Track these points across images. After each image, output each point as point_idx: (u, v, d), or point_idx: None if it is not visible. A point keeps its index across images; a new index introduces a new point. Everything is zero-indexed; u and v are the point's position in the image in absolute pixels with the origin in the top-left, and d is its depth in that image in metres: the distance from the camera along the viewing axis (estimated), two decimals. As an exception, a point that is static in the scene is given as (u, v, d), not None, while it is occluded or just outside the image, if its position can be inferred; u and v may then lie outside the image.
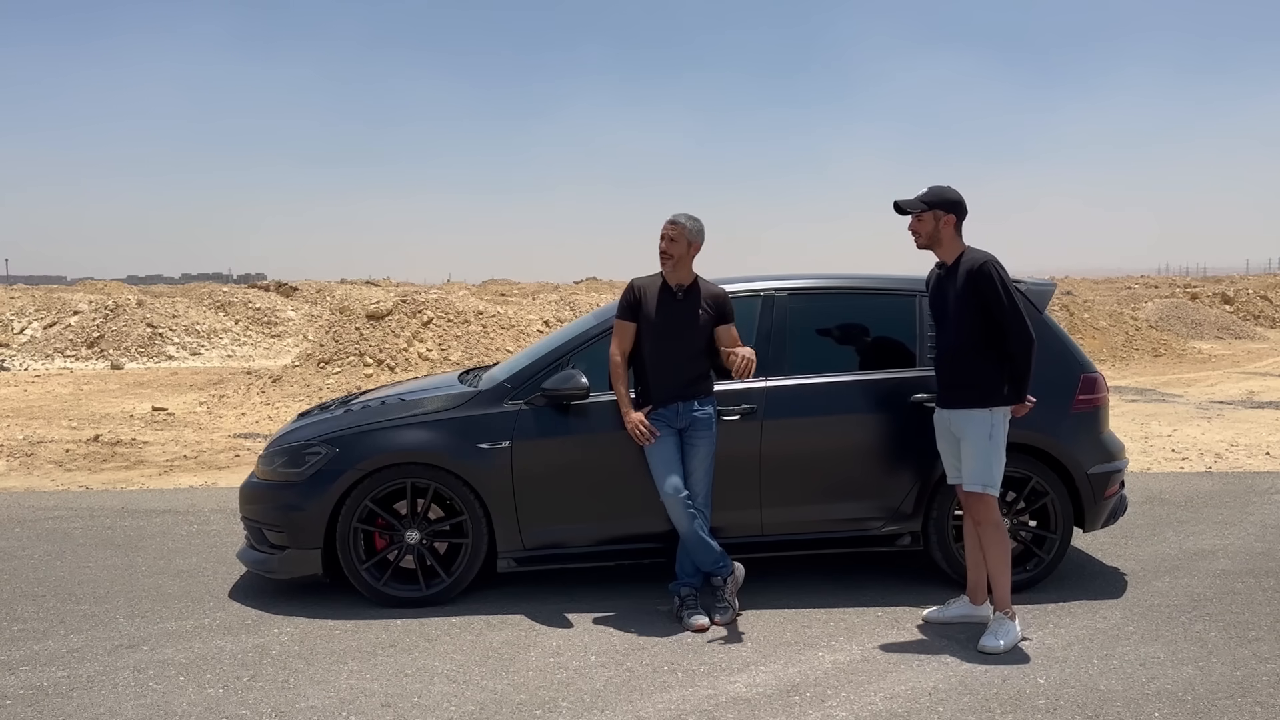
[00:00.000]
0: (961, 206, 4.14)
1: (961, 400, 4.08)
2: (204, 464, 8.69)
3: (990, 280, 3.99)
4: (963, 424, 4.08)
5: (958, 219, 4.14)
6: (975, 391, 4.05)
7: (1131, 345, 19.54)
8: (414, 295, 16.72)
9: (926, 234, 4.15)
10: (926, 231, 4.15)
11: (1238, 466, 8.10)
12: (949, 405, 4.14)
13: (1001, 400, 4.05)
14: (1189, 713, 3.38)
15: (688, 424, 4.38)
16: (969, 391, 4.06)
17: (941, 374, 4.19)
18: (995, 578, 4.10)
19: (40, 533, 6.04)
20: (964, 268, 4.06)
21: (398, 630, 4.23)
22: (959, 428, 4.11)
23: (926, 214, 4.12)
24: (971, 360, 4.06)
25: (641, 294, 4.43)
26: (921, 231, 4.16)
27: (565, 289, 38.88)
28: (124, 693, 3.60)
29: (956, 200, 4.13)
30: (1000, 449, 4.06)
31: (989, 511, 4.07)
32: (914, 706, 3.45)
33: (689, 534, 4.30)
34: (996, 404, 4.04)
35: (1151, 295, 35.53)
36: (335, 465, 4.48)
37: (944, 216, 4.12)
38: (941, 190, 4.15)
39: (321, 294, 34.83)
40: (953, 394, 4.12)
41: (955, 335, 4.09)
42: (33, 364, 20.10)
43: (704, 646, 4.03)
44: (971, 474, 4.07)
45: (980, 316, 4.03)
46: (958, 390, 4.10)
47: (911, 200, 4.16)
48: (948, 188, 4.17)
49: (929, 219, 4.12)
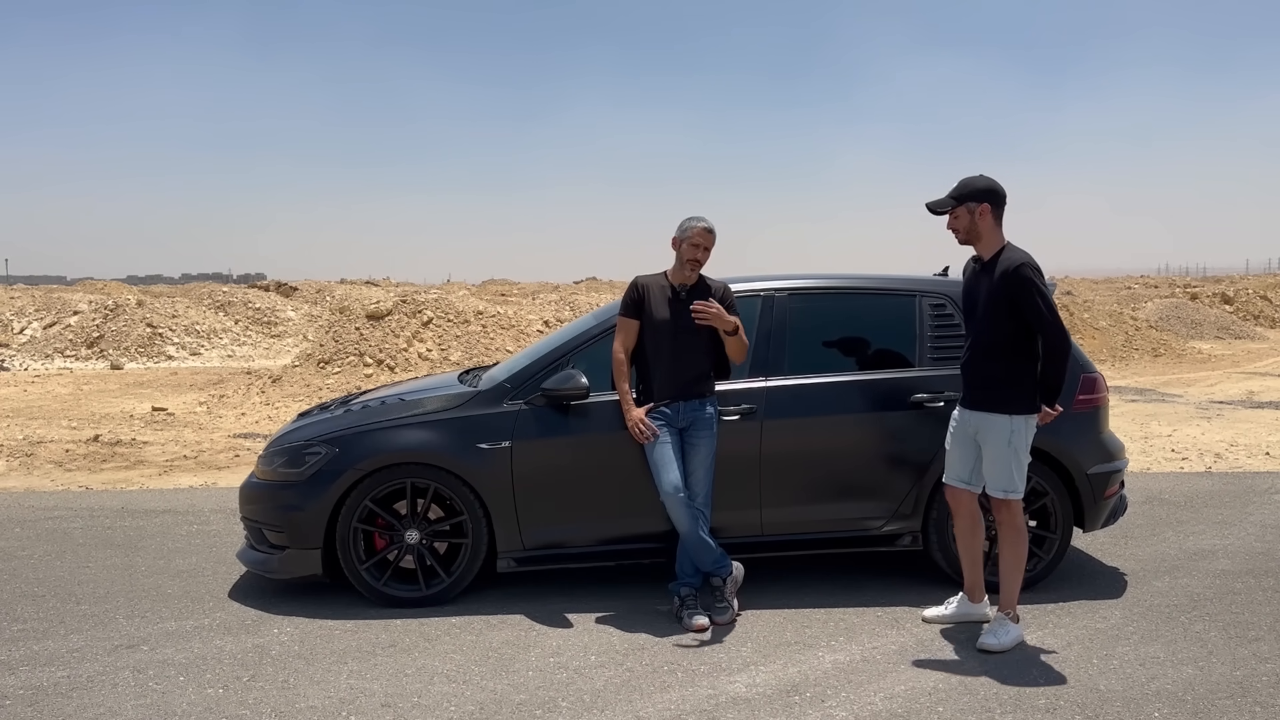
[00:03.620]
0: (996, 194, 3.96)
1: (985, 402, 3.98)
2: (204, 464, 8.69)
3: (1026, 285, 3.84)
4: (983, 427, 4.00)
5: (993, 208, 3.96)
6: (998, 394, 3.95)
7: (1131, 345, 19.55)
8: (414, 295, 16.72)
9: (964, 229, 4.00)
10: (964, 227, 3.99)
11: (1238, 466, 8.10)
12: (973, 406, 4.04)
13: (1025, 408, 3.94)
14: (1189, 713, 3.38)
15: (689, 423, 4.38)
16: (992, 393, 3.97)
17: (967, 373, 4.08)
18: (1007, 579, 4.05)
19: (40, 533, 6.04)
20: (1000, 267, 3.91)
21: (398, 630, 4.23)
22: (979, 430, 4.02)
23: (960, 209, 3.97)
24: (998, 362, 3.95)
25: (645, 292, 4.43)
26: (959, 228, 4.00)
27: (565, 289, 38.88)
28: (124, 693, 3.60)
29: (989, 188, 3.96)
30: (1021, 454, 3.97)
31: (1013, 516, 4.01)
32: (914, 706, 3.45)
33: (689, 534, 4.30)
34: (1018, 411, 3.93)
35: (1151, 295, 35.54)
36: (335, 465, 4.48)
37: (978, 207, 3.95)
38: (971, 181, 3.99)
39: (321, 294, 34.83)
40: (976, 394, 4.02)
41: (984, 334, 3.98)
42: (33, 364, 20.10)
43: (704, 646, 4.03)
44: (993, 480, 4.00)
45: (1011, 319, 3.90)
46: (981, 391, 4.00)
47: (941, 199, 4.02)
48: (979, 176, 4.00)
49: (963, 214, 3.97)
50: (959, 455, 4.14)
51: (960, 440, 4.13)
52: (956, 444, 4.15)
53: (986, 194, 3.96)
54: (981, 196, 3.95)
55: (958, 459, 4.15)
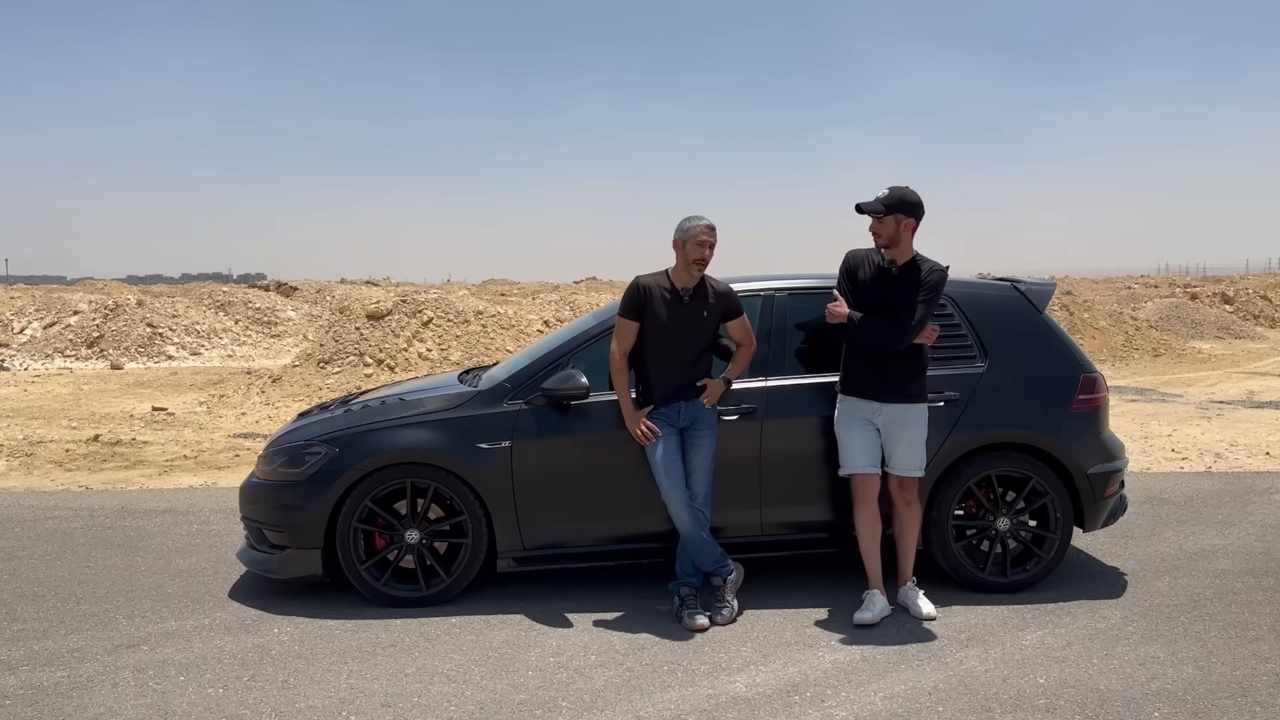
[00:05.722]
0: (920, 209, 4.25)
1: (906, 395, 4.28)
2: (204, 464, 8.69)
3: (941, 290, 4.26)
4: (906, 417, 4.28)
5: (916, 222, 4.26)
6: (917, 386, 4.31)
7: (1131, 345, 19.53)
8: (414, 295, 16.72)
9: (888, 236, 4.25)
10: (888, 234, 4.26)
11: (1238, 466, 8.10)
12: (893, 399, 4.27)
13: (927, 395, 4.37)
14: (1189, 713, 3.38)
15: (689, 424, 4.38)
16: (913, 386, 4.30)
17: (879, 369, 4.28)
18: (910, 552, 4.40)
19: (40, 533, 6.04)
20: (923, 273, 4.23)
21: (398, 630, 4.23)
22: (900, 420, 4.27)
23: (889, 217, 4.22)
24: (916, 358, 4.30)
25: (648, 294, 4.39)
26: (883, 234, 4.27)
27: (565, 289, 38.86)
28: (124, 692, 3.60)
29: (917, 203, 4.24)
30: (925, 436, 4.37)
31: (915, 493, 4.37)
32: (914, 706, 3.45)
33: (690, 534, 4.30)
34: (926, 399, 4.36)
35: (1151, 295, 35.51)
36: (335, 465, 4.48)
37: (905, 220, 4.22)
38: (903, 193, 4.23)
39: (321, 294, 34.81)
40: (896, 389, 4.27)
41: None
42: (33, 364, 20.09)
43: (704, 646, 4.03)
44: (912, 462, 4.31)
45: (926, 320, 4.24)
46: (903, 385, 4.28)
47: (872, 202, 4.25)
48: (908, 189, 4.25)
49: (891, 222, 4.24)
50: (864, 444, 4.33)
51: (864, 431, 4.32)
52: (859, 434, 4.33)
53: (915, 209, 4.24)
54: (910, 210, 4.23)
55: (863, 448, 4.33)
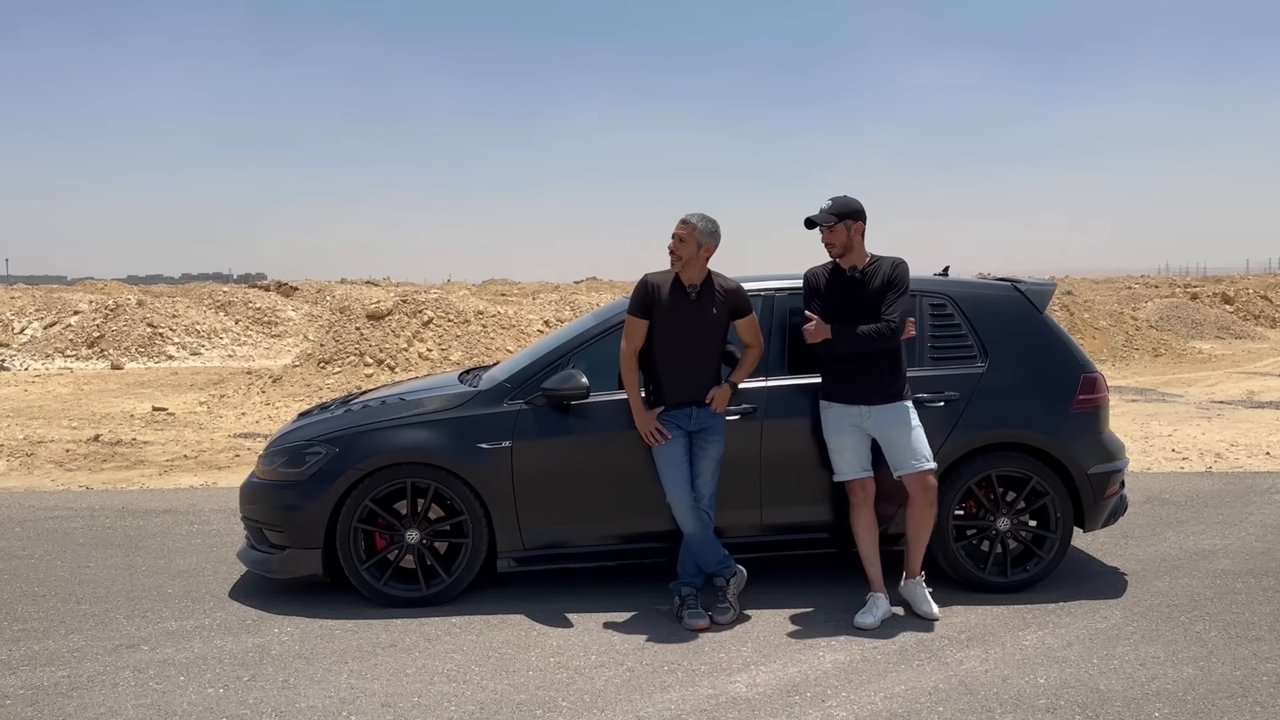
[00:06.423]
0: (864, 213, 4.36)
1: (888, 396, 4.30)
2: (204, 464, 8.69)
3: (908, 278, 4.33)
4: (892, 418, 4.29)
5: (864, 225, 4.35)
6: (898, 386, 4.33)
7: (1131, 345, 19.53)
8: (414, 295, 16.72)
9: (841, 244, 4.33)
10: (841, 241, 4.33)
11: (1238, 466, 8.10)
12: (877, 402, 4.29)
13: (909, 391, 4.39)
14: (1189, 713, 3.38)
15: (699, 428, 4.37)
16: (895, 386, 4.32)
17: (861, 372, 4.29)
18: (921, 546, 4.38)
19: (40, 533, 6.05)
20: (884, 272, 4.30)
21: (398, 630, 4.23)
22: (892, 419, 4.28)
23: (839, 225, 4.31)
24: (895, 357, 4.33)
25: (656, 291, 4.35)
26: (836, 242, 4.35)
27: (565, 289, 38.87)
28: (124, 693, 3.61)
29: (860, 208, 4.35)
30: (920, 426, 4.35)
31: (930, 486, 4.28)
32: (914, 706, 3.45)
33: (695, 535, 4.29)
34: (908, 395, 4.38)
35: (1151, 295, 35.52)
36: (335, 465, 4.48)
37: (855, 225, 4.32)
38: (848, 201, 4.35)
39: (321, 294, 34.82)
40: (879, 391, 4.29)
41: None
42: (33, 364, 20.10)
43: (704, 646, 4.03)
44: (915, 454, 4.27)
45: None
46: (885, 387, 4.29)
47: (821, 214, 4.34)
48: (851, 197, 4.37)
49: (842, 230, 4.33)
50: (855, 450, 4.36)
51: (853, 436, 4.35)
52: (849, 440, 4.36)
53: (860, 213, 4.34)
54: (858, 215, 4.33)
55: (854, 454, 4.37)
